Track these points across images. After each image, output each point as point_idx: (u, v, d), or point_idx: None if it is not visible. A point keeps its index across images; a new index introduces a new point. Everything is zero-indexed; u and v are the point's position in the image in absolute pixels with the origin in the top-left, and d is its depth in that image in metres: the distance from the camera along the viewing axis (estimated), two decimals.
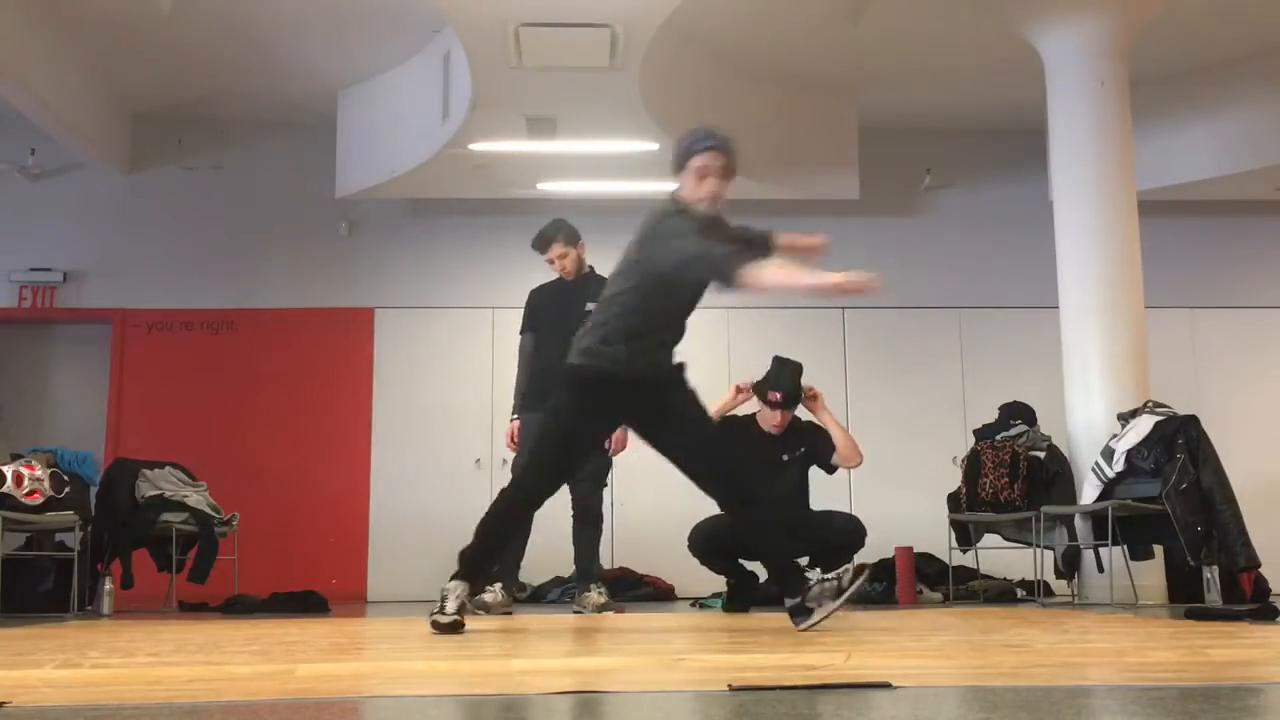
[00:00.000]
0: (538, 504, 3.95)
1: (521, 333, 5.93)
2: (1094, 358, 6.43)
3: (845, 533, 5.51)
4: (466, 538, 3.89)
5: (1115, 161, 6.56)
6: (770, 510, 4.17)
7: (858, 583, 3.68)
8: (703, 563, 5.61)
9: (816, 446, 5.64)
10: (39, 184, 8.61)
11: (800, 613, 3.70)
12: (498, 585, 5.58)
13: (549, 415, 3.98)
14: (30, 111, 7.38)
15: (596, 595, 5.55)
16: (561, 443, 3.90)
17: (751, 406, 5.76)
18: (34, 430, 8.23)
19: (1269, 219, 8.97)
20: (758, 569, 6.01)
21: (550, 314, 5.77)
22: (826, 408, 5.67)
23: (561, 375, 3.92)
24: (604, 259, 9.60)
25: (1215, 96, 8.11)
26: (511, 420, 5.81)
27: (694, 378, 4.13)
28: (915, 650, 2.86)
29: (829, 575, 3.73)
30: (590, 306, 5.64)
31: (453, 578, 3.80)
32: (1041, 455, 6.60)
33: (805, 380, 5.73)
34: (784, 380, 5.66)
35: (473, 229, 8.70)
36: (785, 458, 5.63)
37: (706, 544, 5.53)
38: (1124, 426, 5.93)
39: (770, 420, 5.65)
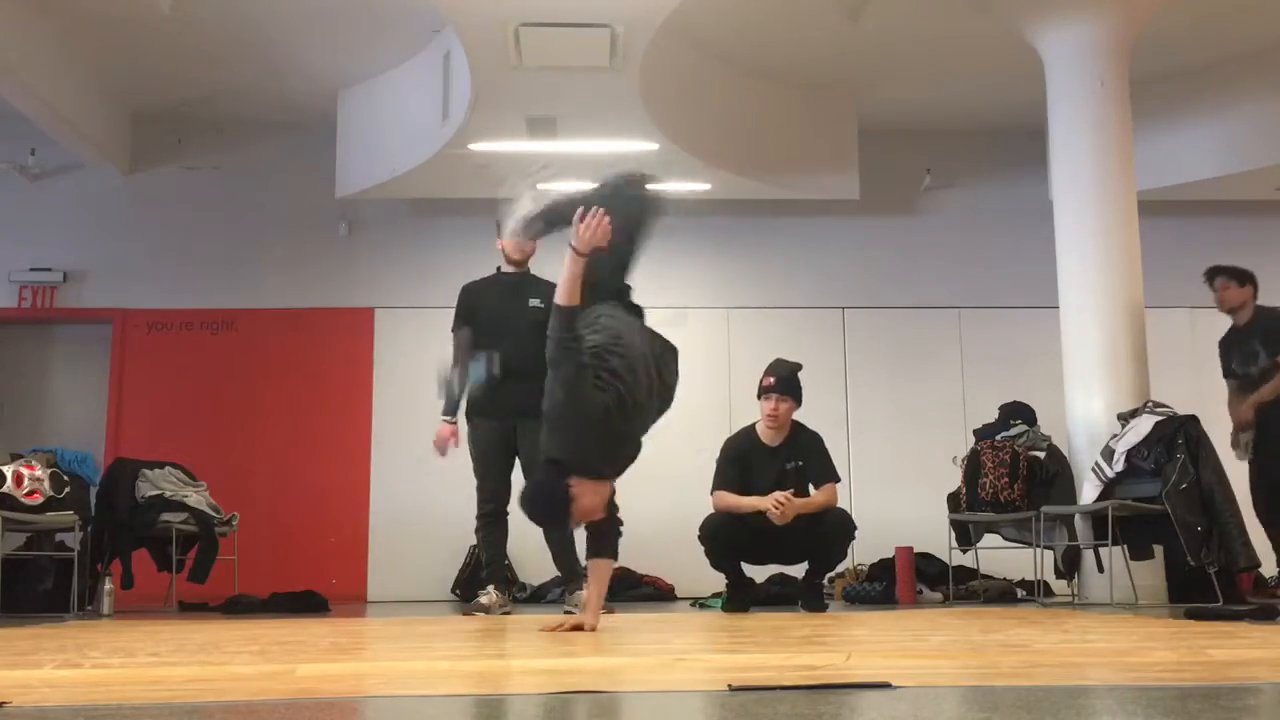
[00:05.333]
0: None
1: (454, 330, 5.69)
2: (1094, 358, 6.42)
3: (834, 526, 5.47)
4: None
5: (1115, 161, 6.55)
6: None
7: None
8: (708, 553, 5.58)
9: (809, 469, 5.60)
10: (39, 184, 8.61)
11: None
12: (491, 587, 5.57)
13: None
14: (30, 111, 7.38)
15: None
16: None
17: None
18: (34, 430, 8.23)
19: (1269, 219, 8.97)
20: (756, 572, 6.01)
21: (493, 309, 5.61)
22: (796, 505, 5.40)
23: None
24: None
25: (1215, 96, 8.11)
26: (446, 422, 5.54)
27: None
28: (915, 650, 2.86)
29: None
30: (535, 303, 5.60)
31: None
32: (1041, 455, 6.60)
33: (804, 387, 5.70)
34: (778, 367, 5.65)
35: (473, 229, 8.71)
36: (788, 466, 5.60)
37: (718, 535, 5.51)
38: (1124, 426, 5.93)
39: (766, 411, 5.60)
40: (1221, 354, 6.36)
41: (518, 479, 5.65)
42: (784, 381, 5.59)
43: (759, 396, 5.64)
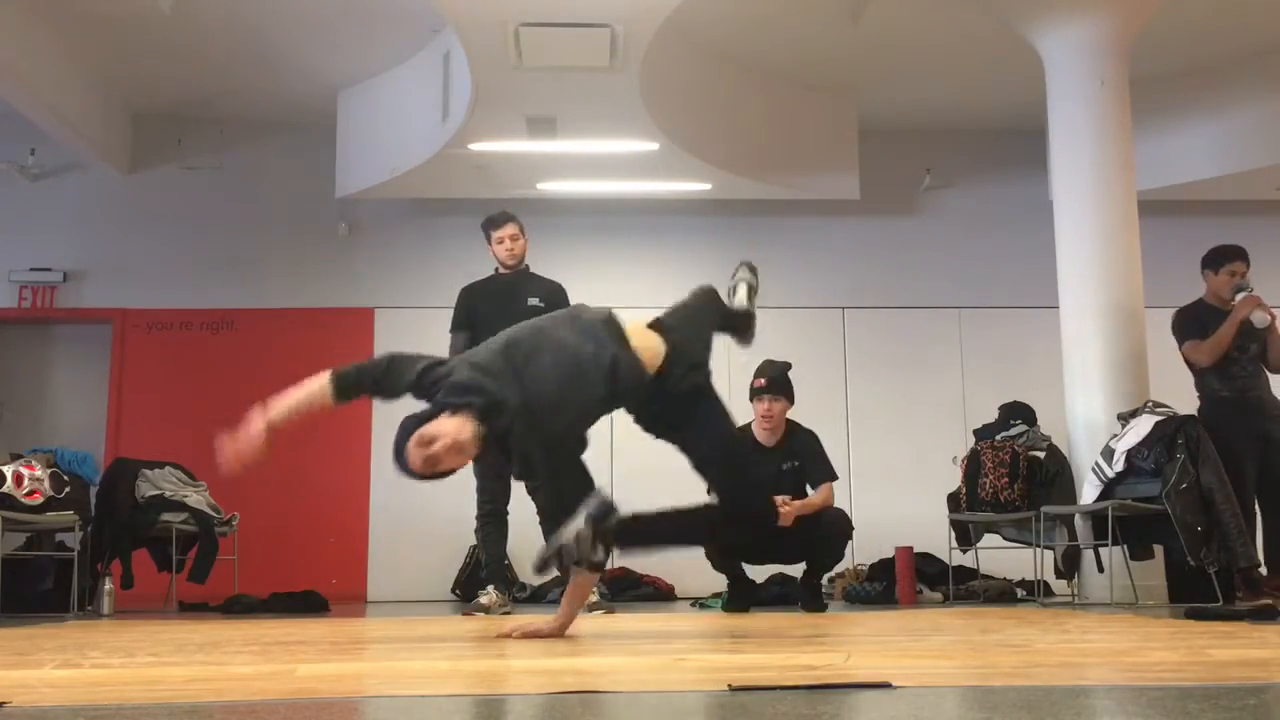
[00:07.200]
0: None
1: (453, 331, 5.70)
2: (1094, 358, 6.42)
3: (832, 525, 5.47)
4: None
5: (1115, 161, 6.55)
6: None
7: None
8: (708, 554, 5.57)
9: (806, 469, 5.60)
10: (39, 184, 8.61)
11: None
12: (491, 587, 5.57)
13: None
14: (30, 111, 7.38)
15: None
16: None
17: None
18: (34, 430, 8.23)
19: (1269, 219, 8.96)
20: (756, 572, 6.00)
21: (491, 310, 5.57)
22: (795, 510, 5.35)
23: None
24: (603, 258, 9.60)
25: (1215, 96, 8.11)
26: None
27: None
28: (915, 650, 2.86)
29: None
30: (533, 301, 5.58)
31: None
32: (1041, 455, 6.59)
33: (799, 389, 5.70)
34: (768, 368, 5.65)
35: (473, 229, 8.71)
36: (785, 467, 5.60)
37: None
38: (1124, 426, 5.92)
39: (760, 413, 5.59)
40: (1200, 326, 6.19)
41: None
42: (776, 382, 5.60)
43: (751, 399, 5.63)
